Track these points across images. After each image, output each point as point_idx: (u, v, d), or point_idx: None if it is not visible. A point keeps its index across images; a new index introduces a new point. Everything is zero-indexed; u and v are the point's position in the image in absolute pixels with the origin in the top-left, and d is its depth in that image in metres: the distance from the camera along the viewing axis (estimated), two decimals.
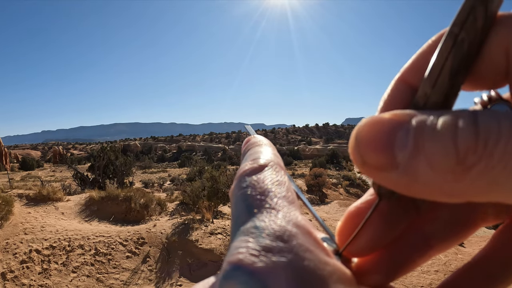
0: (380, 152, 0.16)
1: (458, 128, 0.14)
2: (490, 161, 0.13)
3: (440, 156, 0.14)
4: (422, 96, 0.17)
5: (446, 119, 0.15)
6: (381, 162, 0.16)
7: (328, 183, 13.66)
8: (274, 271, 0.14)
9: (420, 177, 0.14)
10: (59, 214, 6.80)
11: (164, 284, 4.96)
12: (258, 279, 0.13)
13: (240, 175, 0.19)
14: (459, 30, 0.16)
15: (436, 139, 0.14)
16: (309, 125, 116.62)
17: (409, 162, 0.15)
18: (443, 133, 0.14)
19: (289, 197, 0.18)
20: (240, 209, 0.17)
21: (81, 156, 63.92)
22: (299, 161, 46.72)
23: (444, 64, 0.16)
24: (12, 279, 4.57)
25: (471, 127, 0.14)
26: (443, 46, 0.16)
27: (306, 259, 0.14)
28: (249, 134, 0.26)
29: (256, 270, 0.14)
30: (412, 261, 0.20)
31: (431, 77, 0.17)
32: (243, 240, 0.15)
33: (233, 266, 0.14)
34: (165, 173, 25.85)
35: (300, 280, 0.14)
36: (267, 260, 0.14)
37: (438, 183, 0.14)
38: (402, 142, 0.15)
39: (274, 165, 0.20)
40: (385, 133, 0.16)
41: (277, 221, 0.16)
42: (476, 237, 7.06)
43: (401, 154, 0.15)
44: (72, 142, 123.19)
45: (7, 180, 12.82)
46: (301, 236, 0.15)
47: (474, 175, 0.13)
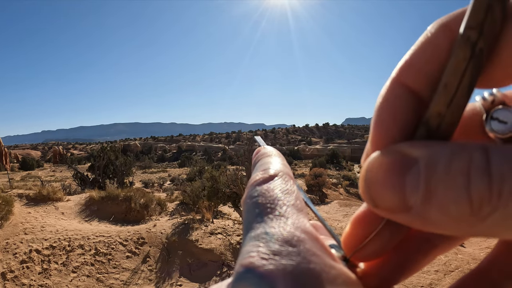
0: (391, 195, 0.15)
1: (471, 175, 0.13)
2: (505, 211, 0.13)
3: (453, 204, 0.14)
4: (436, 116, 0.15)
5: (458, 162, 0.14)
6: (393, 205, 0.16)
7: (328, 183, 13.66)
8: (283, 273, 0.14)
9: (433, 221, 0.14)
10: (59, 214, 6.80)
11: (164, 284, 4.96)
12: (268, 281, 0.14)
13: (251, 185, 0.20)
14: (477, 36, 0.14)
15: (449, 185, 0.14)
16: (309, 125, 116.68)
17: (421, 207, 0.14)
18: (455, 179, 0.14)
19: (297, 205, 0.18)
20: (251, 216, 0.18)
21: (81, 156, 63.91)
22: (299, 161, 46.73)
23: (462, 79, 0.14)
24: (12, 279, 4.57)
25: (485, 175, 0.13)
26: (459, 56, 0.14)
27: (313, 262, 0.15)
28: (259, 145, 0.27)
29: (266, 272, 0.14)
30: (417, 262, 0.20)
31: (446, 94, 0.15)
32: (255, 245, 0.16)
33: (245, 268, 0.15)
34: (165, 173, 25.86)
35: (306, 282, 0.14)
36: (276, 263, 0.15)
37: (452, 227, 0.14)
38: (413, 184, 0.15)
39: (284, 175, 0.20)
40: (395, 175, 0.15)
41: (287, 227, 0.16)
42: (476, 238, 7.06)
43: (413, 198, 0.15)
44: (72, 142, 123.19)
45: (7, 180, 12.82)
46: (308, 242, 0.16)
47: (489, 224, 0.13)
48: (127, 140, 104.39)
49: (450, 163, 0.14)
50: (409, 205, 0.15)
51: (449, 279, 4.88)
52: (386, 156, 0.16)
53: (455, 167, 0.14)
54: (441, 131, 0.16)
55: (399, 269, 0.20)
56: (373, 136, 0.18)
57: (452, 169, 0.14)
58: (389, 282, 0.20)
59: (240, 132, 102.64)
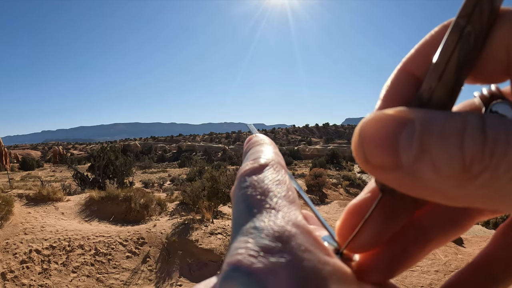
0: (384, 151, 0.15)
1: (465, 135, 0.13)
2: (495, 172, 0.13)
3: (446, 161, 0.14)
4: (427, 90, 0.17)
5: (453, 123, 0.14)
6: (385, 161, 0.15)
7: (328, 183, 13.66)
8: (273, 271, 0.13)
9: (423, 180, 0.14)
10: (59, 214, 6.80)
11: (164, 284, 4.96)
12: (257, 280, 0.13)
13: (240, 175, 0.19)
14: (465, 23, 0.15)
15: (443, 144, 0.14)
16: (309, 125, 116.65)
17: (413, 164, 0.14)
18: (450, 138, 0.14)
19: (289, 197, 0.18)
20: (240, 209, 0.17)
21: (81, 156, 63.90)
22: (299, 161, 46.73)
23: (451, 57, 0.16)
24: (12, 279, 4.57)
25: (479, 134, 0.13)
26: (449, 38, 0.16)
27: (305, 259, 0.14)
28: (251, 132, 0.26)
29: (255, 271, 0.14)
30: (412, 256, 0.20)
31: (436, 70, 0.16)
32: (243, 240, 0.15)
33: (232, 267, 0.14)
34: (165, 173, 25.85)
35: (299, 281, 0.13)
36: (265, 261, 0.14)
37: (442, 187, 0.14)
38: (406, 142, 0.15)
39: (275, 164, 0.20)
40: (390, 132, 0.15)
41: (277, 221, 0.16)
42: (476, 237, 7.07)
43: (405, 154, 0.15)
44: (72, 142, 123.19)
45: (7, 180, 12.82)
46: (300, 236, 0.15)
47: (478, 184, 0.13)
48: (127, 140, 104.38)
49: (446, 123, 0.14)
50: (400, 162, 0.15)
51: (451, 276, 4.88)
52: (383, 114, 0.16)
53: (450, 127, 0.14)
54: (432, 104, 0.16)
55: (395, 263, 0.20)
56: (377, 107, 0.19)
57: (447, 128, 0.14)
58: (385, 275, 0.20)
59: (240, 132, 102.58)
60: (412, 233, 0.20)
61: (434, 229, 0.20)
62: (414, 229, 0.20)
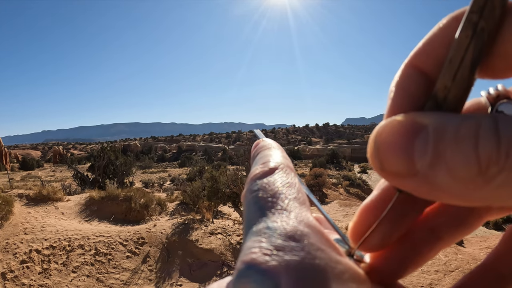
0: (400, 158, 0.15)
1: (480, 137, 0.14)
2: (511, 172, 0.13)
3: (461, 166, 0.14)
4: (442, 89, 0.16)
5: (467, 126, 0.14)
6: (401, 168, 0.15)
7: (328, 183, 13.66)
8: (286, 269, 0.14)
9: (440, 185, 0.14)
10: (59, 214, 6.80)
11: (164, 284, 4.96)
12: (271, 277, 0.13)
13: (251, 179, 0.19)
14: (478, 18, 0.15)
15: (457, 148, 0.14)
16: (309, 125, 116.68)
17: (428, 170, 0.15)
18: (464, 142, 0.14)
19: (300, 198, 0.18)
20: (252, 211, 0.17)
21: (81, 156, 63.91)
22: (299, 161, 46.71)
23: (465, 54, 0.16)
24: (12, 279, 4.57)
25: (493, 136, 0.13)
26: (462, 35, 0.16)
27: (318, 258, 0.14)
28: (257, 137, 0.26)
29: (269, 268, 0.14)
30: (422, 255, 0.20)
31: (451, 68, 0.16)
32: (256, 240, 0.15)
33: (246, 265, 0.14)
34: (165, 173, 25.85)
35: (311, 278, 0.14)
36: (279, 259, 0.14)
37: (459, 191, 0.14)
38: (421, 149, 0.15)
39: (284, 167, 0.20)
40: (404, 139, 0.16)
41: (289, 221, 0.16)
42: (476, 237, 7.07)
43: (420, 161, 0.15)
44: (72, 142, 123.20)
45: (7, 180, 12.82)
46: (312, 236, 0.16)
47: (496, 185, 0.13)
48: (127, 140, 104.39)
49: (459, 128, 0.14)
50: (416, 169, 0.15)
51: (449, 279, 4.88)
52: (397, 120, 0.16)
53: (464, 131, 0.14)
54: (448, 103, 0.16)
55: (404, 263, 0.20)
56: (388, 108, 0.19)
57: (461, 133, 0.14)
58: (395, 276, 0.20)
59: (240, 132, 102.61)
60: (421, 233, 0.20)
61: (443, 229, 0.20)
62: (423, 229, 0.20)
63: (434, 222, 0.20)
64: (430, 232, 0.20)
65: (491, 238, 7.05)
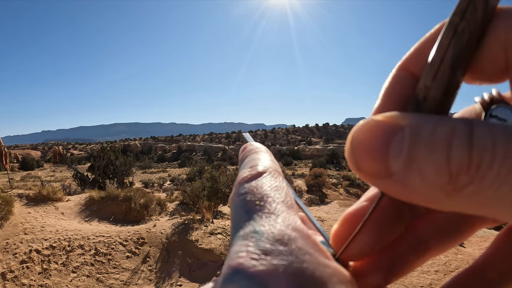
0: (375, 159, 0.15)
1: (453, 144, 0.13)
2: (482, 184, 0.13)
3: (432, 172, 0.14)
4: (422, 89, 0.17)
5: (441, 131, 0.14)
6: (376, 169, 0.15)
7: (328, 183, 13.66)
8: (274, 274, 0.14)
9: (413, 188, 0.14)
10: (59, 214, 6.80)
11: (164, 284, 4.96)
12: (258, 282, 0.13)
13: (239, 182, 0.19)
14: (459, 20, 0.15)
15: (430, 153, 0.14)
16: (309, 125, 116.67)
17: (402, 172, 0.14)
18: (437, 147, 0.14)
19: (287, 202, 0.18)
20: (239, 214, 0.17)
21: (81, 156, 63.88)
22: (299, 161, 46.70)
23: (445, 54, 0.16)
24: (12, 279, 4.57)
25: (466, 145, 0.13)
26: (443, 35, 0.16)
27: (306, 262, 0.14)
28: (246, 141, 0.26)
29: (256, 273, 0.14)
30: (410, 263, 0.20)
31: (431, 68, 0.16)
32: (243, 244, 0.15)
33: (233, 270, 0.14)
34: (165, 173, 25.84)
35: (299, 282, 0.14)
36: (267, 263, 0.14)
37: (430, 196, 0.14)
38: (396, 150, 0.15)
39: (272, 171, 0.20)
40: (380, 140, 0.15)
41: (277, 225, 0.16)
42: (476, 237, 7.06)
43: (395, 163, 0.15)
44: (72, 142, 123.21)
45: (7, 180, 12.82)
46: (300, 240, 0.15)
47: (465, 195, 0.13)
48: (127, 140, 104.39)
49: (434, 131, 0.14)
50: (391, 171, 0.15)
51: (449, 279, 4.88)
52: (374, 121, 0.16)
53: (438, 135, 0.14)
54: (428, 103, 0.16)
55: (391, 270, 0.20)
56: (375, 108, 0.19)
57: (435, 136, 0.14)
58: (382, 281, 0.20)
59: (240, 132, 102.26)
60: (410, 241, 0.20)
61: (433, 237, 0.20)
62: (413, 236, 0.20)
63: (423, 231, 0.20)
64: (418, 241, 0.20)
65: (491, 238, 7.03)
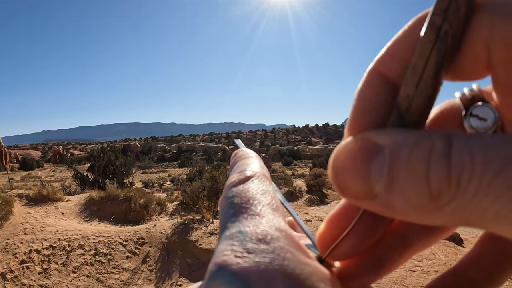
0: (358, 183, 0.15)
1: (431, 164, 0.13)
2: (462, 201, 0.13)
3: (413, 192, 0.14)
4: (405, 98, 0.16)
5: (420, 150, 0.14)
6: (359, 192, 0.16)
7: (328, 183, 13.67)
8: (256, 270, 0.14)
9: (396, 208, 0.15)
10: (59, 214, 6.80)
11: (164, 284, 4.96)
12: (241, 278, 0.14)
13: (227, 186, 0.20)
14: (441, 21, 0.14)
15: (409, 174, 0.14)
16: (309, 125, 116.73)
17: (384, 194, 0.15)
18: (415, 167, 0.14)
19: (273, 205, 0.18)
20: (226, 216, 0.18)
21: (81, 156, 63.89)
22: (299, 161, 46.71)
23: (428, 60, 0.15)
24: (12, 279, 4.57)
25: (444, 163, 0.13)
26: (424, 39, 0.15)
27: (287, 259, 0.15)
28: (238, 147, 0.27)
29: (240, 270, 0.14)
30: (392, 261, 0.20)
31: (414, 76, 0.15)
32: (229, 243, 0.16)
33: (218, 266, 0.15)
34: (165, 173, 25.84)
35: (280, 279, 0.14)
36: (250, 261, 0.15)
37: (414, 215, 0.14)
38: (378, 172, 0.15)
39: (260, 175, 0.21)
40: (361, 163, 0.15)
41: (260, 226, 0.16)
42: (476, 237, 7.06)
43: (377, 185, 0.15)
44: (72, 142, 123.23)
45: (7, 180, 12.82)
46: (283, 239, 0.16)
47: (447, 212, 0.13)
48: (127, 140, 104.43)
49: (413, 151, 0.14)
50: (374, 193, 0.15)
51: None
52: (354, 143, 0.16)
53: (417, 155, 0.14)
54: (411, 114, 0.16)
55: (375, 268, 0.20)
56: (349, 123, 0.18)
57: (413, 157, 0.14)
58: (366, 281, 0.20)
59: (240, 132, 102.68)
60: (391, 240, 0.20)
61: (414, 236, 0.20)
62: (394, 236, 0.20)
63: (404, 230, 0.20)
64: (400, 239, 0.20)
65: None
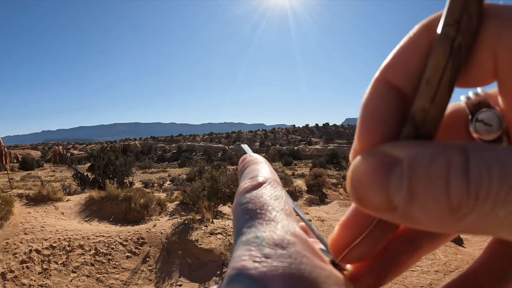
0: (377, 196, 0.16)
1: (451, 178, 0.14)
2: (481, 213, 0.14)
3: (434, 205, 0.14)
4: (420, 111, 0.16)
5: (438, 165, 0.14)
6: (379, 205, 0.16)
7: (328, 183, 13.66)
8: (274, 274, 0.15)
9: (416, 220, 0.15)
10: (59, 214, 6.80)
11: (164, 284, 4.96)
12: (260, 282, 0.14)
13: (240, 192, 0.21)
14: (455, 33, 0.14)
15: (429, 188, 0.14)
16: (309, 125, 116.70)
17: (404, 206, 0.15)
18: (435, 181, 0.14)
19: (286, 210, 0.19)
20: (241, 222, 0.18)
21: (81, 156, 63.88)
22: (299, 161, 46.69)
23: (443, 74, 0.15)
24: (12, 279, 4.57)
25: (463, 178, 0.14)
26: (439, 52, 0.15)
27: (303, 264, 0.16)
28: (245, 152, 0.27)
29: (258, 274, 0.15)
30: (402, 263, 0.21)
31: (429, 89, 0.15)
32: (246, 249, 0.16)
33: (237, 271, 0.15)
34: (165, 173, 25.83)
35: (297, 283, 0.15)
36: (268, 265, 0.15)
37: (434, 226, 0.15)
38: (397, 185, 0.15)
39: (272, 181, 0.21)
40: (380, 177, 0.16)
41: (277, 231, 0.17)
42: (476, 237, 7.06)
43: (397, 198, 0.15)
44: (72, 142, 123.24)
45: (7, 180, 12.81)
46: (298, 244, 0.17)
47: (467, 223, 0.14)
48: (127, 140, 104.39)
49: (431, 165, 0.14)
50: (394, 205, 0.15)
51: (449, 279, 4.87)
52: (371, 157, 0.17)
53: (435, 169, 0.14)
54: (427, 126, 0.16)
55: (385, 271, 0.20)
56: (359, 135, 0.18)
57: (432, 171, 0.14)
58: (376, 283, 0.21)
59: (240, 132, 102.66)
60: (400, 243, 0.21)
61: (422, 239, 0.20)
62: (402, 239, 0.21)
63: (413, 233, 0.20)
64: (409, 242, 0.20)
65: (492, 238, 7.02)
